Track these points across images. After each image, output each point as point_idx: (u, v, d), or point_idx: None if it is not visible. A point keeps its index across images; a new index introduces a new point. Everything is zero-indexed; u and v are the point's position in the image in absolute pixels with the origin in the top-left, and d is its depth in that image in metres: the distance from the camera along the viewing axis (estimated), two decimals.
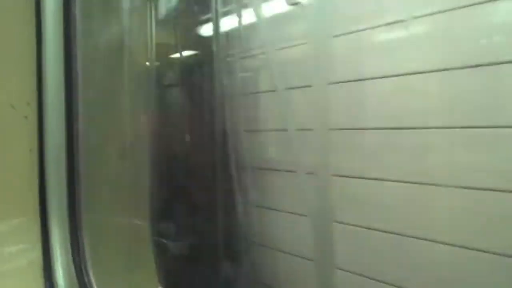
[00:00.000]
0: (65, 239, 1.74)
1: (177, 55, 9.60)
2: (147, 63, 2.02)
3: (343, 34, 2.59)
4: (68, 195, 1.75)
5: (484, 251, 1.98)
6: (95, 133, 1.82)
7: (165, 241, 4.33)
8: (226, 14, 5.68)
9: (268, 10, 7.08)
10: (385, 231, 2.37)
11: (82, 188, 1.77)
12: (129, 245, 1.76)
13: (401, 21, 2.08)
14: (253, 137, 7.57)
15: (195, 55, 9.44)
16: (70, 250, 1.73)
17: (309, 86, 2.05)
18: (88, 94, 1.79)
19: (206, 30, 8.00)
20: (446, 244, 2.10)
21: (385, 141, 2.31)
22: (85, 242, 1.75)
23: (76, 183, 1.77)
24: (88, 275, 1.71)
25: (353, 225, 2.55)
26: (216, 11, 5.68)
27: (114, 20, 1.90)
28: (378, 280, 2.44)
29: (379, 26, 2.29)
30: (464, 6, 1.97)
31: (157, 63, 8.33)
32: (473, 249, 2.02)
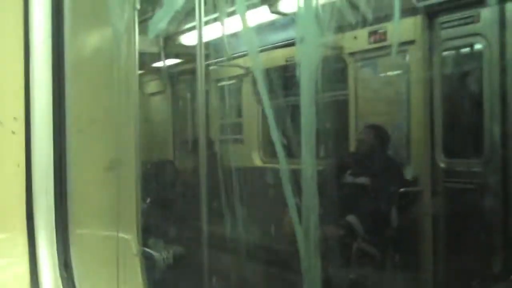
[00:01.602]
0: (52, 253, 1.73)
1: (160, 63, 9.58)
2: (135, 75, 2.02)
3: None
4: (56, 210, 1.75)
5: None
6: (82, 147, 1.82)
7: (153, 252, 4.33)
8: (209, 22, 5.72)
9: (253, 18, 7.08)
10: None
11: (70, 202, 1.77)
12: (117, 258, 1.76)
13: None
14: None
15: (179, 63, 9.42)
16: (57, 265, 1.73)
17: None
18: (75, 107, 1.79)
19: (190, 38, 7.99)
20: None
21: None
22: (72, 256, 1.75)
23: (64, 197, 1.77)
24: None
25: None
26: (200, 19, 5.71)
27: (103, 33, 1.90)
28: None
29: None
30: None
31: (140, 72, 8.30)
32: None
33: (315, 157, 1.42)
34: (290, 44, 6.91)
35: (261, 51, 6.37)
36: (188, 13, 6.14)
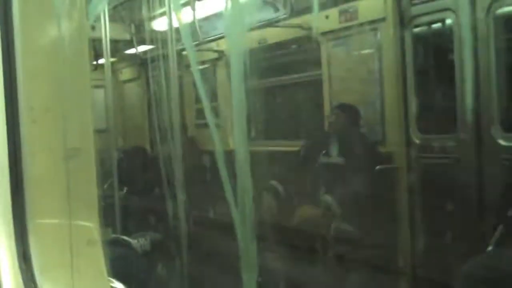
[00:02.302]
0: (10, 245, 1.72)
1: (132, 50, 9.53)
2: (87, 61, 2.01)
3: None
4: (13, 201, 1.74)
5: None
6: (37, 137, 1.80)
7: (129, 239, 4.33)
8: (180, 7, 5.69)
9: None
10: None
11: (27, 192, 1.75)
12: (77, 247, 1.75)
13: None
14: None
15: (151, 49, 9.37)
16: (16, 256, 1.71)
17: None
18: (28, 98, 1.77)
19: (162, 24, 7.95)
20: None
21: None
22: (31, 247, 1.73)
23: (20, 188, 1.75)
24: (35, 281, 1.70)
25: None
26: (170, 4, 5.69)
27: (55, 21, 1.88)
28: None
29: None
30: None
31: (112, 59, 8.25)
32: None
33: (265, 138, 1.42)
34: (264, 25, 6.89)
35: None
36: None
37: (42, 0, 1.85)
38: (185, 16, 5.99)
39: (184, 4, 5.76)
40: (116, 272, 2.18)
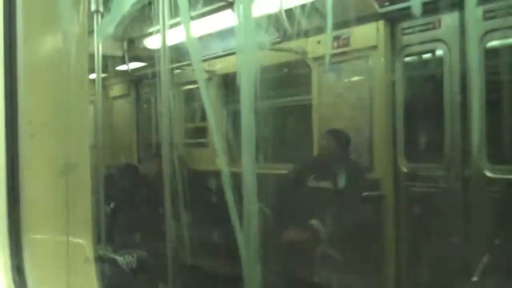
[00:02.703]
0: (5, 257, 1.72)
1: (124, 66, 9.53)
2: (92, 76, 2.02)
3: None
4: (8, 214, 1.73)
5: None
6: (35, 151, 1.80)
7: (116, 257, 4.30)
8: (173, 26, 5.71)
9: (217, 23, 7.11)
10: None
11: (23, 206, 1.75)
12: (71, 264, 1.75)
13: None
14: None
15: (142, 67, 9.38)
16: (10, 269, 1.71)
17: None
18: (28, 112, 1.78)
19: (154, 42, 7.97)
20: None
21: None
22: (25, 260, 1.73)
23: (17, 202, 1.75)
24: None
25: None
26: (164, 23, 5.70)
27: (56, 36, 1.89)
28: None
29: None
30: None
31: (104, 75, 8.24)
32: None
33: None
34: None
35: (227, 55, 6.38)
36: (152, 17, 6.13)
37: (44, 16, 1.86)
38: (175, 37, 6.00)
39: (176, 24, 5.77)
40: None
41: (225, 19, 6.89)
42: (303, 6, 5.22)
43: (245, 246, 1.19)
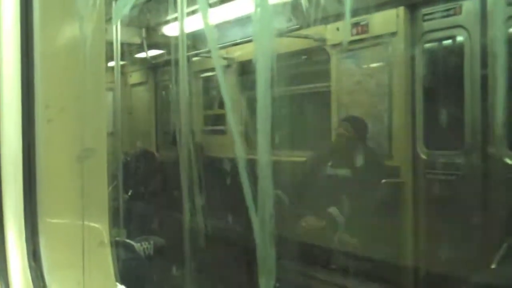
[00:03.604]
0: (21, 242, 1.73)
1: (143, 54, 9.55)
2: (110, 64, 2.02)
3: None
4: (25, 199, 1.74)
5: None
6: (52, 136, 1.80)
7: (133, 242, 4.32)
8: (192, 13, 5.71)
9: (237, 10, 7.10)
10: None
11: (39, 191, 1.76)
12: (83, 248, 1.76)
13: None
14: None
15: (161, 54, 9.40)
16: (26, 254, 1.72)
17: None
18: (45, 97, 1.78)
19: (173, 29, 7.98)
20: None
21: None
22: (41, 245, 1.74)
23: (33, 187, 1.76)
24: (44, 280, 1.70)
25: None
26: (182, 10, 5.70)
27: (73, 22, 1.89)
28: None
29: None
30: None
31: (122, 62, 8.26)
32: None
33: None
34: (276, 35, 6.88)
35: (246, 42, 6.37)
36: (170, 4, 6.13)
37: (62, 2, 1.86)
38: (195, 23, 6.00)
39: (194, 12, 5.76)
40: (120, 275, 2.18)
41: (245, 5, 6.87)
42: None
43: (260, 230, 1.19)
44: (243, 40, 7.42)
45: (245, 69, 7.93)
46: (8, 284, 1.69)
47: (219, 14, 7.22)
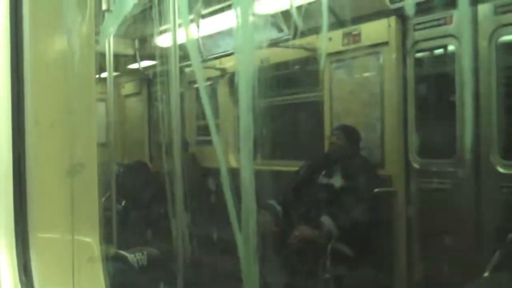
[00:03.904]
0: (11, 257, 1.73)
1: (135, 65, 9.57)
2: (93, 77, 2.02)
3: None
4: (15, 213, 1.74)
5: None
6: (42, 151, 1.81)
7: (126, 254, 4.32)
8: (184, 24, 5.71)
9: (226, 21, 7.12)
10: None
11: (30, 205, 1.76)
12: (77, 263, 1.76)
13: None
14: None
15: (153, 65, 9.40)
16: (16, 268, 1.72)
17: None
18: (35, 111, 1.79)
19: (165, 40, 8.00)
20: None
21: None
22: (32, 260, 1.74)
23: (24, 201, 1.76)
24: None
25: None
26: (174, 22, 5.71)
27: (63, 35, 1.89)
28: None
29: None
30: None
31: (115, 73, 8.27)
32: None
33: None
34: (267, 45, 6.92)
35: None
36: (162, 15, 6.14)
37: (51, 15, 1.86)
38: (189, 33, 6.01)
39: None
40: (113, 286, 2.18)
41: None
42: (313, 3, 5.21)
43: (244, 245, 1.19)
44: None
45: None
46: None
47: (211, 25, 7.24)
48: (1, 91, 1.75)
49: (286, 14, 6.62)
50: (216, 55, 8.07)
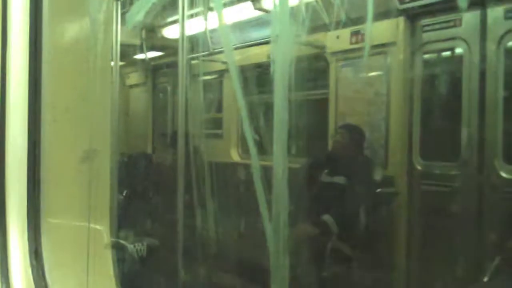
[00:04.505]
0: (23, 241, 1.73)
1: (142, 55, 9.54)
2: (112, 64, 2.02)
3: None
4: (28, 198, 1.74)
5: None
6: (57, 136, 1.81)
7: (126, 243, 4.32)
8: (192, 16, 5.71)
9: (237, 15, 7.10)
10: None
11: (43, 191, 1.76)
12: (88, 249, 1.76)
13: None
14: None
15: (160, 56, 9.38)
16: (28, 253, 1.72)
17: None
18: (51, 96, 1.79)
19: (173, 31, 7.97)
20: None
21: None
22: (43, 245, 1.74)
23: (37, 186, 1.76)
24: (45, 279, 1.70)
25: None
26: (183, 13, 5.70)
27: (81, 23, 1.89)
28: None
29: None
30: None
31: (122, 63, 8.25)
32: None
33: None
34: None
35: (246, 46, 6.35)
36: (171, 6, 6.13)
37: (70, 4, 1.86)
38: (197, 26, 6.01)
39: (195, 15, 5.76)
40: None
41: (245, 10, 6.89)
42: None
43: (274, 237, 1.19)
44: (244, 44, 7.40)
45: (246, 73, 7.92)
46: (9, 282, 1.69)
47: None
48: (19, 76, 1.75)
49: (294, 10, 6.60)
50: (222, 49, 8.04)
